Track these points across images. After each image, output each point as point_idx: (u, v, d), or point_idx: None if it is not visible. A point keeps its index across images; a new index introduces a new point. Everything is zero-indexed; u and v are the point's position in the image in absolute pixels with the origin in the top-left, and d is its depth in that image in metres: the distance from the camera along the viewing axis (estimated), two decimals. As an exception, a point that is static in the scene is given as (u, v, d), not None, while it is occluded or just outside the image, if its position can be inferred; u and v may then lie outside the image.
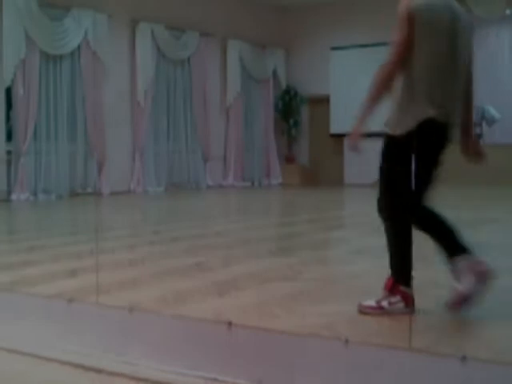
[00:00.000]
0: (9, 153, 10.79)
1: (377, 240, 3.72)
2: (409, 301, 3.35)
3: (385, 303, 3.36)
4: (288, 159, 16.19)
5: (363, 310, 3.39)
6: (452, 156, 3.61)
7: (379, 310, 3.35)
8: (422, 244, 3.58)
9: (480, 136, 14.28)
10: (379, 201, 3.48)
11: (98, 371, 2.77)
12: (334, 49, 15.46)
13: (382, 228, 3.55)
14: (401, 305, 3.35)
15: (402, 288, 3.36)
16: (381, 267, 4.46)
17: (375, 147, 3.75)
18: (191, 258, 5.31)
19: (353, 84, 13.94)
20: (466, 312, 3.29)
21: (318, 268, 4.50)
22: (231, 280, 4.35)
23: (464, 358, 2.26)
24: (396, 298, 3.35)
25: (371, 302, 3.38)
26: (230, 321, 2.71)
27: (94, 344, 2.96)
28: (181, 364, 2.71)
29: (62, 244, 6.28)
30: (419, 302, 3.36)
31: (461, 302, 3.25)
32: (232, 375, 2.59)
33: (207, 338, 2.77)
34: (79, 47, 11.62)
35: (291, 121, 15.94)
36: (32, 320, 3.21)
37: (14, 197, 10.67)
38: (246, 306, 3.57)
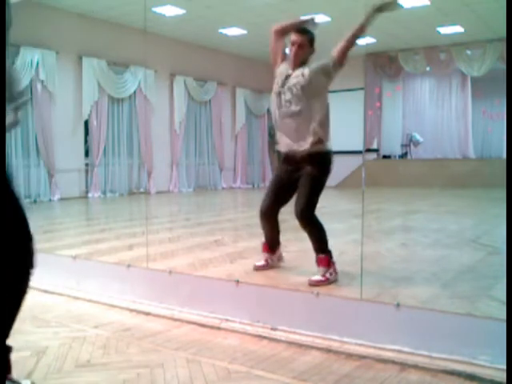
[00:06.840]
0: (86, 165, 10.76)
1: (338, 225, 3.70)
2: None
3: (328, 275, 3.05)
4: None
5: (316, 284, 2.95)
6: (384, 165, 3.59)
7: (327, 282, 3.01)
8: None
9: (407, 154, 14.33)
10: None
11: (147, 314, 2.77)
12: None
13: (340, 216, 3.55)
14: (335, 274, 3.09)
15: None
16: (343, 243, 4.45)
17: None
18: (211, 236, 5.31)
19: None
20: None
21: (297, 244, 4.48)
22: (238, 252, 4.35)
23: (398, 305, 2.26)
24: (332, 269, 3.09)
25: (319, 277, 3.03)
26: (237, 280, 2.71)
27: (144, 295, 2.96)
28: (203, 309, 2.71)
29: (123, 227, 6.27)
30: (369, 267, 3.35)
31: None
32: (239, 317, 2.58)
33: (222, 291, 2.77)
34: (135, 92, 11.53)
35: (279, 143, 15.92)
36: (102, 279, 3.21)
37: (90, 195, 10.63)
38: (249, 270, 3.57)
